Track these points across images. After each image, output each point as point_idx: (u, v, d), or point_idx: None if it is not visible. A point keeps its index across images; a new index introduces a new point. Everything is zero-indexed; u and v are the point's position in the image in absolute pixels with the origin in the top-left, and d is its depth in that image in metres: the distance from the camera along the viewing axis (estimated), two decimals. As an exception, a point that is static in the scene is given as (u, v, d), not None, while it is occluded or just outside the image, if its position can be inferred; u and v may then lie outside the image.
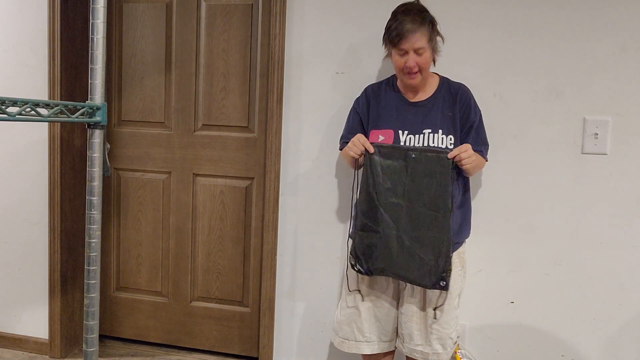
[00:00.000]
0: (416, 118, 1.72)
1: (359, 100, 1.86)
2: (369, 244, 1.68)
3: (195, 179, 2.41)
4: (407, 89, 1.76)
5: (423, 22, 1.64)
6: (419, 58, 1.64)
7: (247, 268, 2.40)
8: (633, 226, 1.92)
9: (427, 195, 1.60)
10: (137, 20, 2.40)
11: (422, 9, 1.68)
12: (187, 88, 2.38)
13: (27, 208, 2.43)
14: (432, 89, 1.76)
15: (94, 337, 1.29)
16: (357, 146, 1.67)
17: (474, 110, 1.76)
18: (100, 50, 1.23)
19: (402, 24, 1.62)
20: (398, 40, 1.63)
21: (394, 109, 1.76)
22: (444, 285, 1.63)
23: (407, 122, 1.72)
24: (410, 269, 1.64)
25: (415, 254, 1.63)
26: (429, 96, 1.75)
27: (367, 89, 1.86)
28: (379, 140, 1.70)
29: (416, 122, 1.71)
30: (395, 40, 1.64)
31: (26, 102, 1.08)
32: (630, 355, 1.97)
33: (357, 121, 1.83)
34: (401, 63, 1.66)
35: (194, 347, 2.49)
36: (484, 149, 1.79)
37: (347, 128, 1.87)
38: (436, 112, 1.72)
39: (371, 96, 1.82)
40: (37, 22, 2.30)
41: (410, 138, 1.69)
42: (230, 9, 2.29)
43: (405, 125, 1.71)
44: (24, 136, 2.39)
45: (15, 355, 2.46)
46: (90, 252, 1.27)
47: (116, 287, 2.56)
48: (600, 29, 1.88)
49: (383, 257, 1.66)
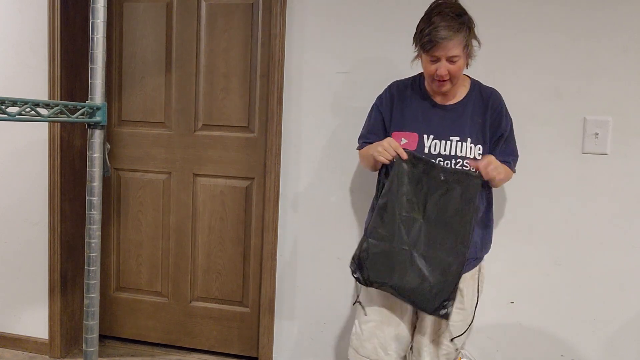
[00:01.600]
0: (443, 123, 1.59)
1: (382, 98, 1.72)
2: (377, 253, 1.56)
3: (196, 179, 2.41)
4: (434, 92, 1.64)
5: (460, 28, 1.48)
6: (452, 66, 1.50)
7: (247, 268, 2.40)
8: (633, 226, 1.91)
9: (448, 218, 1.51)
10: (138, 20, 2.40)
11: (460, 12, 1.51)
12: (187, 88, 2.38)
13: (27, 208, 2.42)
14: (463, 93, 1.63)
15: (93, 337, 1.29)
16: (388, 151, 1.52)
17: (506, 119, 1.63)
18: (101, 50, 1.23)
19: (436, 29, 1.46)
20: (430, 47, 1.48)
21: (420, 111, 1.62)
22: (444, 314, 1.53)
23: (433, 126, 1.59)
24: (414, 289, 1.53)
25: (423, 275, 1.52)
26: (459, 100, 1.62)
27: (392, 86, 1.72)
28: (401, 143, 1.58)
29: (443, 127, 1.58)
30: (427, 46, 1.49)
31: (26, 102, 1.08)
32: (630, 355, 1.97)
33: (379, 120, 1.69)
34: (432, 70, 1.53)
35: (194, 347, 2.49)
36: (512, 160, 1.66)
37: (367, 127, 1.75)
38: (465, 118, 1.59)
39: (396, 95, 1.67)
40: (37, 22, 2.30)
41: (436, 144, 1.57)
42: (231, 8, 2.29)
43: (431, 130, 1.59)
44: (24, 136, 2.38)
45: (15, 355, 2.46)
46: (90, 252, 1.27)
47: (116, 287, 2.56)
48: (601, 30, 1.88)
49: (388, 270, 1.55)
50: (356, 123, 2.08)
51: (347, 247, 2.14)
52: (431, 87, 1.61)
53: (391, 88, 1.71)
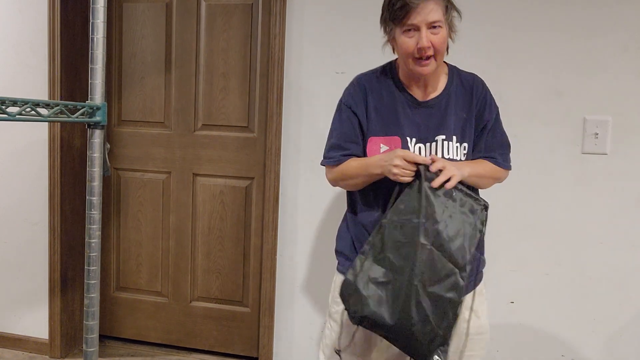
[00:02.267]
0: (428, 122, 1.35)
1: (352, 95, 1.41)
2: (381, 283, 1.26)
3: (195, 179, 2.41)
4: (412, 82, 1.37)
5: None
6: (435, 37, 1.25)
7: (247, 268, 2.40)
8: (633, 226, 1.91)
9: (452, 246, 1.23)
10: (137, 20, 2.40)
11: None
12: (187, 88, 2.38)
13: (27, 208, 2.42)
14: (443, 84, 1.39)
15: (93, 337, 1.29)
16: (406, 167, 1.25)
17: (490, 107, 1.40)
18: (100, 50, 1.23)
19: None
20: (405, 14, 1.24)
21: (399, 109, 1.36)
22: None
23: (416, 127, 1.35)
24: (406, 331, 1.23)
25: (423, 312, 1.22)
26: (440, 92, 1.38)
27: (360, 80, 1.43)
28: (380, 151, 1.35)
29: (428, 128, 1.35)
30: (400, 14, 1.25)
31: (26, 102, 1.08)
32: (630, 355, 1.97)
33: (355, 124, 1.38)
34: (411, 45, 1.26)
35: (194, 347, 2.49)
36: (498, 155, 1.41)
37: (338, 134, 1.41)
38: (449, 112, 1.36)
39: (368, 90, 1.39)
40: (37, 22, 2.30)
41: (420, 148, 1.34)
42: (230, 8, 2.29)
43: (414, 131, 1.35)
44: (24, 136, 2.38)
45: (15, 355, 2.46)
46: (90, 252, 1.27)
47: (116, 287, 2.56)
48: (601, 29, 1.88)
49: (378, 303, 1.25)
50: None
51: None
52: (411, 73, 1.33)
53: (360, 82, 1.42)
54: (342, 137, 1.41)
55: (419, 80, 1.36)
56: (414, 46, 1.26)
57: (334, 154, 1.42)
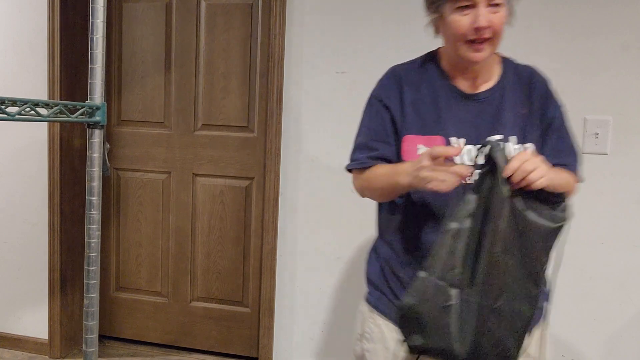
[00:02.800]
0: (478, 119, 1.12)
1: (384, 86, 1.19)
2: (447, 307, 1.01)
3: (195, 179, 2.41)
4: (458, 73, 1.14)
5: None
6: (494, 15, 1.04)
7: (247, 268, 2.40)
8: (633, 226, 1.91)
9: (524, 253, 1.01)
10: (137, 20, 2.39)
11: None
12: (187, 88, 2.37)
13: (26, 208, 2.42)
14: (496, 75, 1.16)
15: (93, 337, 1.29)
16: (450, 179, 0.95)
17: (553, 102, 1.18)
18: (100, 49, 1.23)
19: None
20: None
21: (444, 105, 1.13)
22: None
23: (462, 124, 1.11)
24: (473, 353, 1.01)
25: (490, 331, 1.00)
26: (493, 85, 1.15)
27: (395, 70, 1.21)
28: (418, 153, 1.10)
29: (478, 126, 1.11)
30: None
31: (26, 102, 1.08)
32: (631, 355, 1.97)
33: (387, 120, 1.15)
34: (464, 24, 1.04)
35: (194, 347, 2.49)
36: (572, 162, 1.16)
37: (367, 132, 1.19)
38: (505, 108, 1.13)
39: (404, 82, 1.16)
40: (37, 22, 2.30)
41: (470, 151, 1.09)
42: (230, 8, 2.29)
43: (461, 130, 1.11)
44: (24, 136, 2.38)
45: (15, 355, 2.46)
46: (90, 252, 1.27)
47: (116, 287, 2.55)
48: (602, 28, 1.88)
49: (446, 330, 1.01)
50: (356, 123, 2.08)
51: (347, 247, 2.14)
52: (460, 60, 1.10)
53: (395, 72, 1.20)
54: (370, 135, 1.18)
55: (467, 70, 1.13)
56: (469, 26, 1.04)
57: (359, 156, 1.18)
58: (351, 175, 1.24)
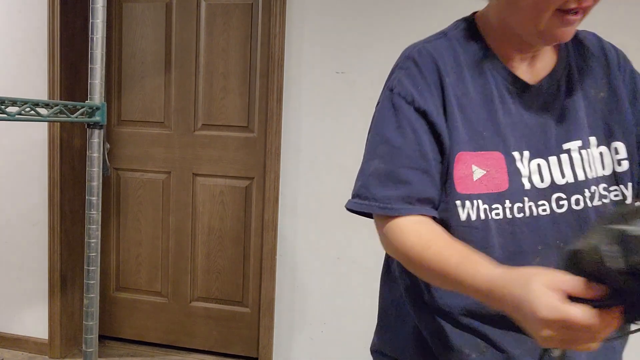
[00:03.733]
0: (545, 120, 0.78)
1: (415, 79, 0.78)
2: None
3: (195, 179, 2.41)
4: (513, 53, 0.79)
5: None
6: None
7: (247, 268, 2.40)
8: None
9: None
10: (137, 20, 2.40)
11: None
12: (187, 88, 2.37)
13: (26, 208, 2.42)
14: (553, 52, 0.83)
15: (93, 337, 1.29)
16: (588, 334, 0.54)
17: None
18: (100, 49, 1.23)
19: None
20: None
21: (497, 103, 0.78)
22: None
23: (527, 130, 0.78)
24: None
25: None
26: (555, 66, 0.81)
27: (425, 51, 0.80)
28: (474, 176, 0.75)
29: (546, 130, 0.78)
30: None
31: (26, 102, 1.08)
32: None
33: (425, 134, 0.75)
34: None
35: (194, 347, 2.49)
36: None
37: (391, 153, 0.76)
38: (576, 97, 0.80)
39: (443, 70, 0.77)
40: (37, 22, 2.30)
41: (540, 166, 0.77)
42: (230, 8, 2.29)
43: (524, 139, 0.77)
44: (24, 136, 2.38)
45: (15, 355, 2.46)
46: (90, 252, 1.27)
47: (116, 287, 2.55)
48: (601, 28, 1.88)
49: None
50: (356, 123, 2.09)
51: (347, 247, 2.14)
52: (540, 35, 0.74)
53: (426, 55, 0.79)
54: (397, 157, 0.75)
55: (527, 49, 0.78)
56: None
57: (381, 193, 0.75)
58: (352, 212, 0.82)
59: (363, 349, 2.31)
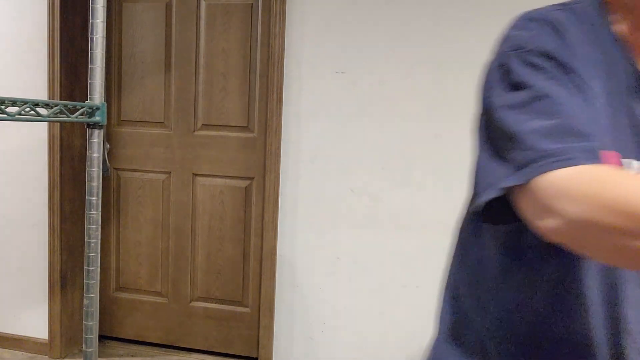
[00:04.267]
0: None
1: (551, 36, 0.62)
2: None
3: (195, 179, 2.41)
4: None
5: None
6: None
7: (247, 268, 2.40)
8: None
9: None
10: (137, 20, 2.40)
11: None
12: (186, 88, 2.37)
13: (26, 208, 2.42)
14: None
15: (93, 337, 1.29)
16: None
17: None
18: (100, 50, 1.23)
19: None
20: None
21: (624, 100, 0.65)
22: None
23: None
24: None
25: None
26: None
27: (552, 18, 0.64)
28: None
29: None
30: None
31: (26, 102, 1.08)
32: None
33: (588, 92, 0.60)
34: None
35: (194, 347, 2.49)
36: None
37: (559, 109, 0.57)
38: None
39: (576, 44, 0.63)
40: (37, 22, 2.30)
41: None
42: (230, 8, 2.29)
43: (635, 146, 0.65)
44: (24, 136, 2.38)
45: (14, 355, 2.46)
46: (90, 252, 1.27)
47: (116, 287, 2.55)
48: None
49: None
50: (356, 123, 2.09)
51: (347, 247, 2.14)
52: None
53: (555, 23, 0.64)
54: (576, 114, 0.58)
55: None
56: None
57: (564, 146, 0.55)
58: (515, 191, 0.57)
59: (363, 349, 2.32)
